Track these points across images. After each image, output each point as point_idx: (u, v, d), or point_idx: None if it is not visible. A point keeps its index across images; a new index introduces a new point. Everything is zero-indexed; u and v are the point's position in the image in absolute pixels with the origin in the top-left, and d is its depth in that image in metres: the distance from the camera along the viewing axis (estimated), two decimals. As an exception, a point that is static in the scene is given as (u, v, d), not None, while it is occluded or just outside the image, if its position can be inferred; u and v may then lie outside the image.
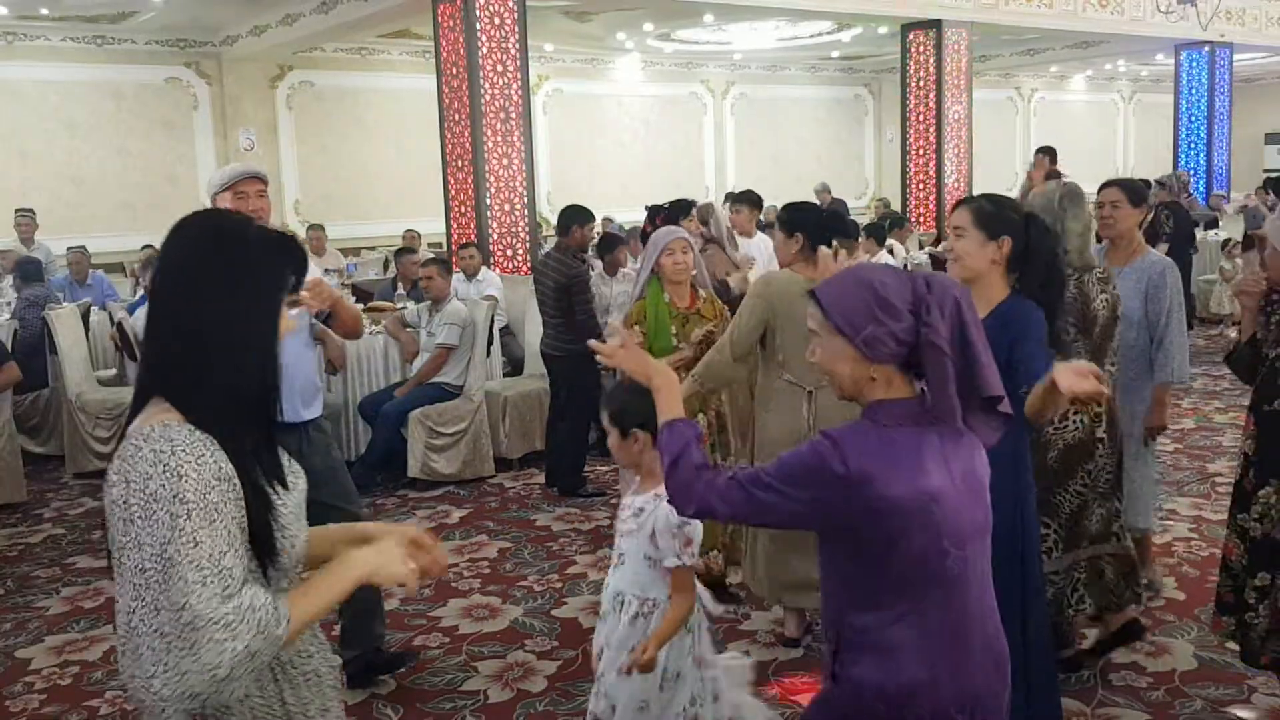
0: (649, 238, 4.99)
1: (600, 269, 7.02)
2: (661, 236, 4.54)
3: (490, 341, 6.79)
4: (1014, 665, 2.02)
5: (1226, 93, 16.22)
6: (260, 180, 3.44)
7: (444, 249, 10.43)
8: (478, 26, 9.01)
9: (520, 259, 9.31)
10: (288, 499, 1.68)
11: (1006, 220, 2.94)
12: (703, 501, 1.90)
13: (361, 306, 6.78)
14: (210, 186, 3.46)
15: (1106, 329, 3.59)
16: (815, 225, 4.01)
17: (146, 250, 9.57)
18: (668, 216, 5.85)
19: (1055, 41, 15.91)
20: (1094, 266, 3.67)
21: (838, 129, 19.49)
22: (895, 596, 1.85)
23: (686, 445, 1.95)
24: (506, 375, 7.33)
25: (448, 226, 9.58)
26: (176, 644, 1.48)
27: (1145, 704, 3.52)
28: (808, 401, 3.82)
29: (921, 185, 13.44)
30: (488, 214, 9.16)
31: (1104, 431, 3.56)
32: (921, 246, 11.50)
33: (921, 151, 13.35)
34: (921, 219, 13.31)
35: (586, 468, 6.29)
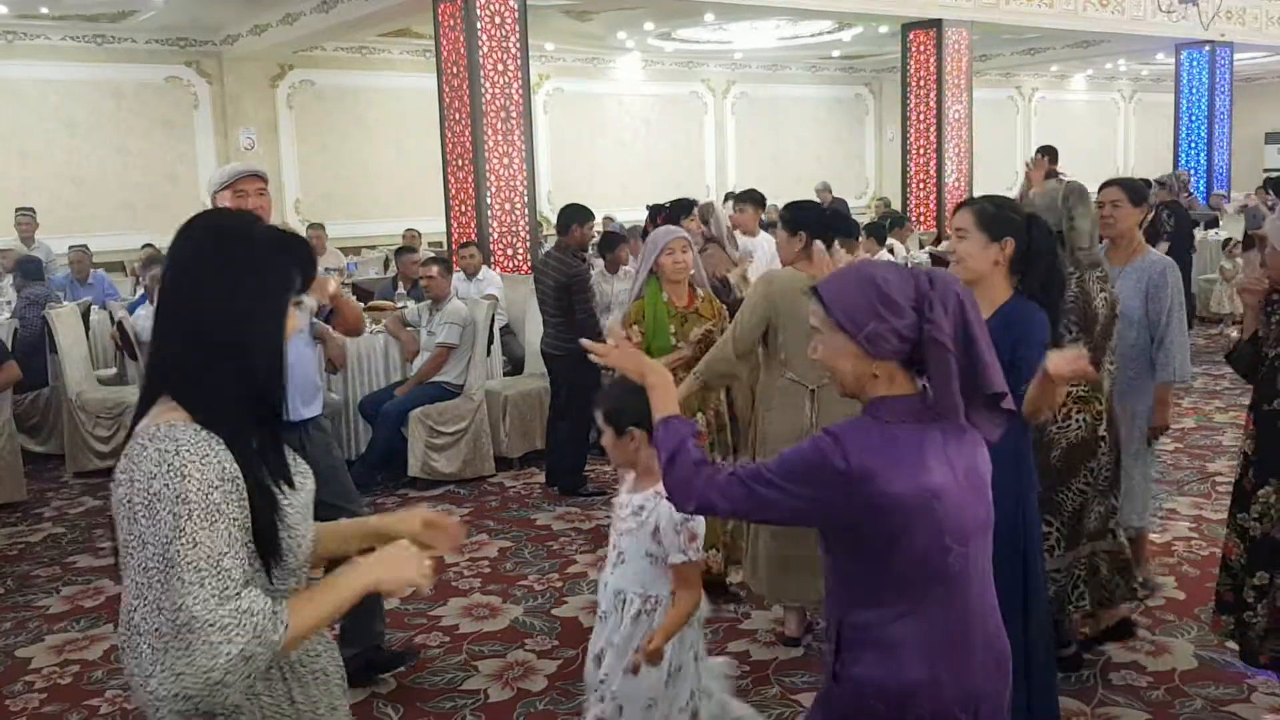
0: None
1: (602, 267, 7.02)
2: (660, 236, 4.53)
3: (491, 341, 6.79)
4: (1015, 664, 2.02)
5: (1227, 92, 16.22)
6: (260, 179, 3.44)
7: (444, 248, 10.43)
8: (478, 25, 9.01)
9: (521, 258, 9.31)
10: (295, 499, 1.68)
11: (1009, 221, 2.95)
12: (703, 498, 1.89)
13: (362, 306, 6.78)
14: (210, 185, 3.47)
15: (1106, 328, 3.60)
16: (818, 224, 4.01)
17: (147, 249, 9.56)
18: (669, 215, 5.84)
19: (1056, 41, 15.91)
20: (1099, 264, 3.69)
21: (838, 128, 19.48)
22: (897, 594, 1.84)
23: (683, 442, 1.94)
24: (507, 374, 7.33)
25: (448, 226, 9.58)
26: (172, 645, 1.48)
27: (1145, 703, 3.52)
28: (810, 400, 3.82)
29: (922, 185, 13.45)
30: (488, 213, 9.17)
31: (1105, 430, 3.57)
32: (922, 246, 11.50)
33: (922, 151, 13.36)
34: (922, 218, 13.32)
35: (587, 467, 6.29)
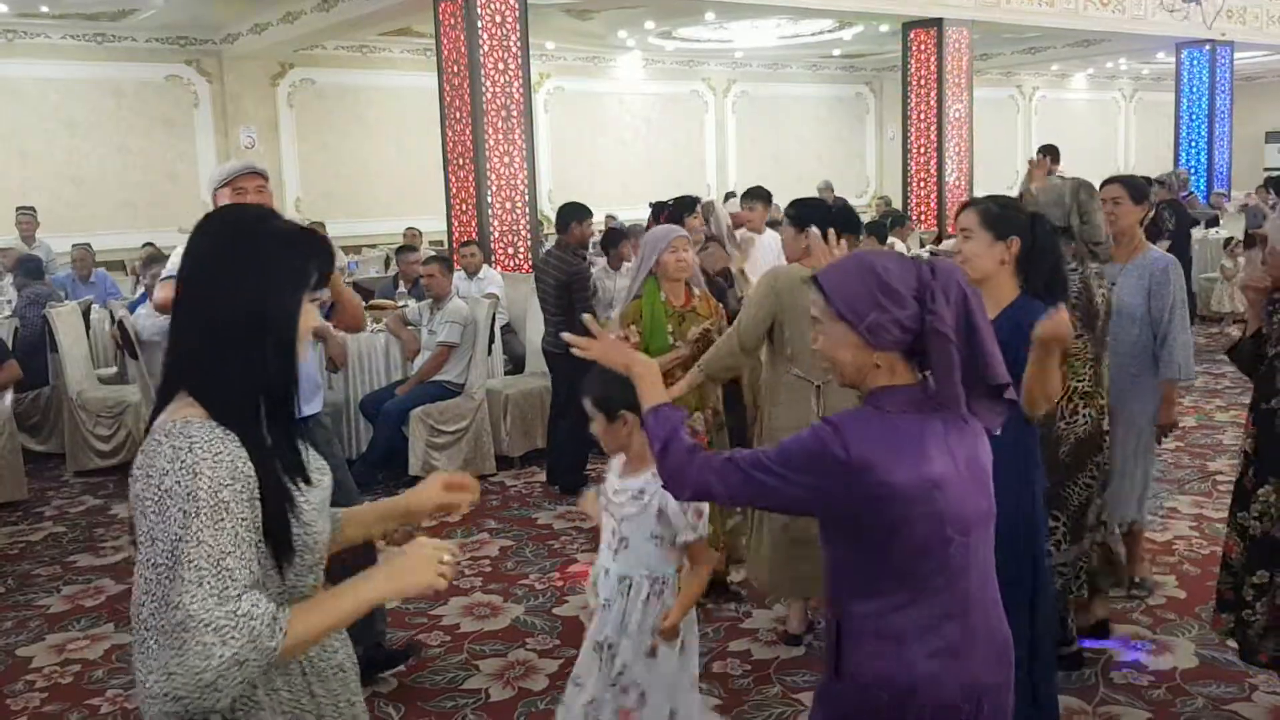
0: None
1: (604, 264, 7.02)
2: (661, 234, 4.50)
3: (491, 339, 6.79)
4: (1019, 658, 2.01)
5: (1227, 91, 16.21)
6: (259, 176, 3.44)
7: (445, 247, 10.44)
8: (479, 24, 9.01)
9: (521, 257, 9.31)
10: (311, 495, 1.66)
11: (1013, 221, 2.95)
12: (699, 483, 1.88)
13: (364, 304, 6.78)
14: (210, 183, 3.47)
15: (1105, 325, 3.63)
16: (823, 221, 4.01)
17: (147, 248, 9.56)
18: (672, 213, 5.83)
19: (1056, 40, 15.90)
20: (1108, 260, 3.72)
21: (839, 127, 19.48)
22: (897, 583, 1.82)
23: (674, 429, 1.93)
24: (508, 373, 7.33)
25: (449, 224, 9.58)
26: (168, 643, 1.46)
27: (1146, 702, 3.52)
28: (816, 396, 3.82)
29: (922, 183, 13.45)
30: (489, 212, 9.16)
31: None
32: (923, 244, 11.51)
33: (922, 150, 13.35)
34: (922, 217, 13.32)
35: (588, 466, 6.28)
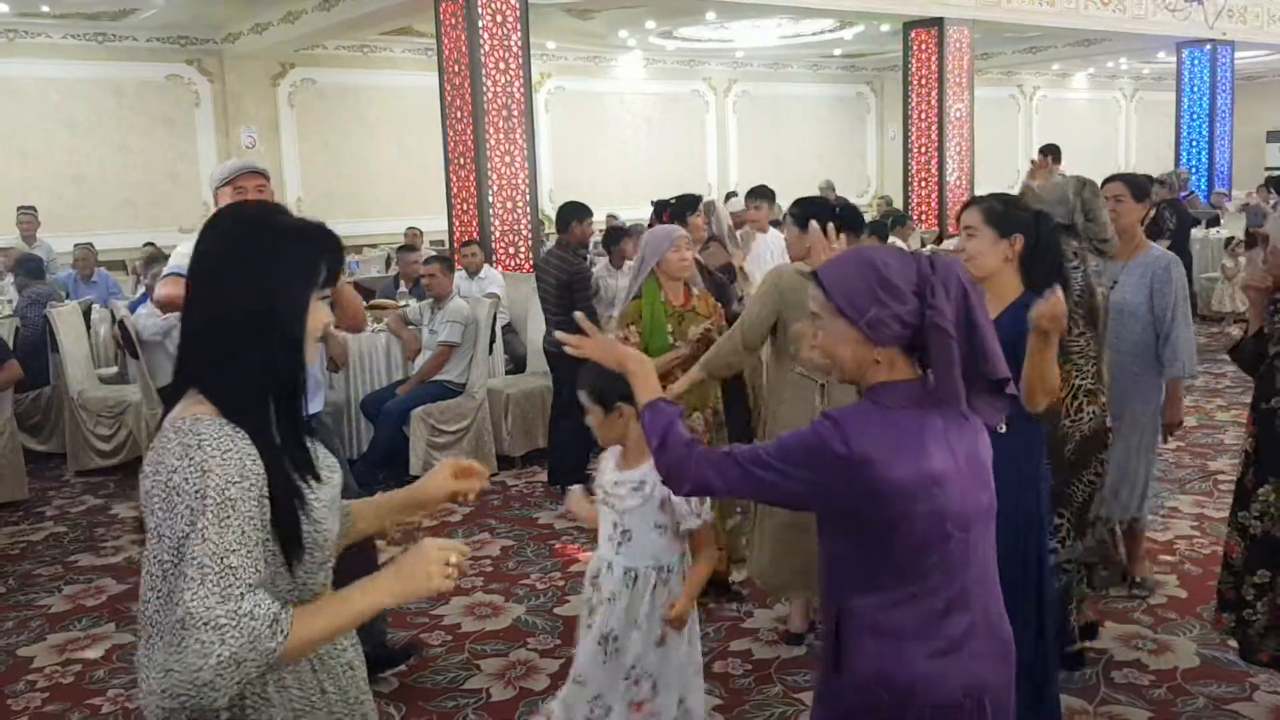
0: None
1: (605, 262, 7.02)
2: (664, 234, 4.49)
3: (492, 339, 6.79)
4: (1023, 657, 2.00)
5: (1228, 90, 16.21)
6: (259, 175, 3.44)
7: (446, 246, 10.44)
8: (480, 24, 9.01)
9: (522, 256, 9.31)
10: (321, 492, 1.66)
11: (1017, 218, 2.95)
12: (698, 477, 1.88)
13: (364, 304, 6.78)
14: (212, 182, 3.49)
15: (1104, 322, 3.63)
16: (828, 219, 3.99)
17: (148, 248, 9.57)
18: (674, 211, 5.82)
19: (1057, 39, 15.90)
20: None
21: (840, 127, 19.47)
22: (896, 578, 1.81)
23: (671, 423, 1.93)
24: (509, 373, 7.33)
25: (450, 224, 9.58)
26: (169, 640, 1.46)
27: (1148, 701, 3.52)
28: (820, 394, 3.81)
29: (923, 183, 13.45)
30: (490, 211, 9.17)
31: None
32: (924, 244, 11.51)
33: (923, 149, 13.35)
34: (923, 217, 13.32)
35: (589, 465, 6.28)
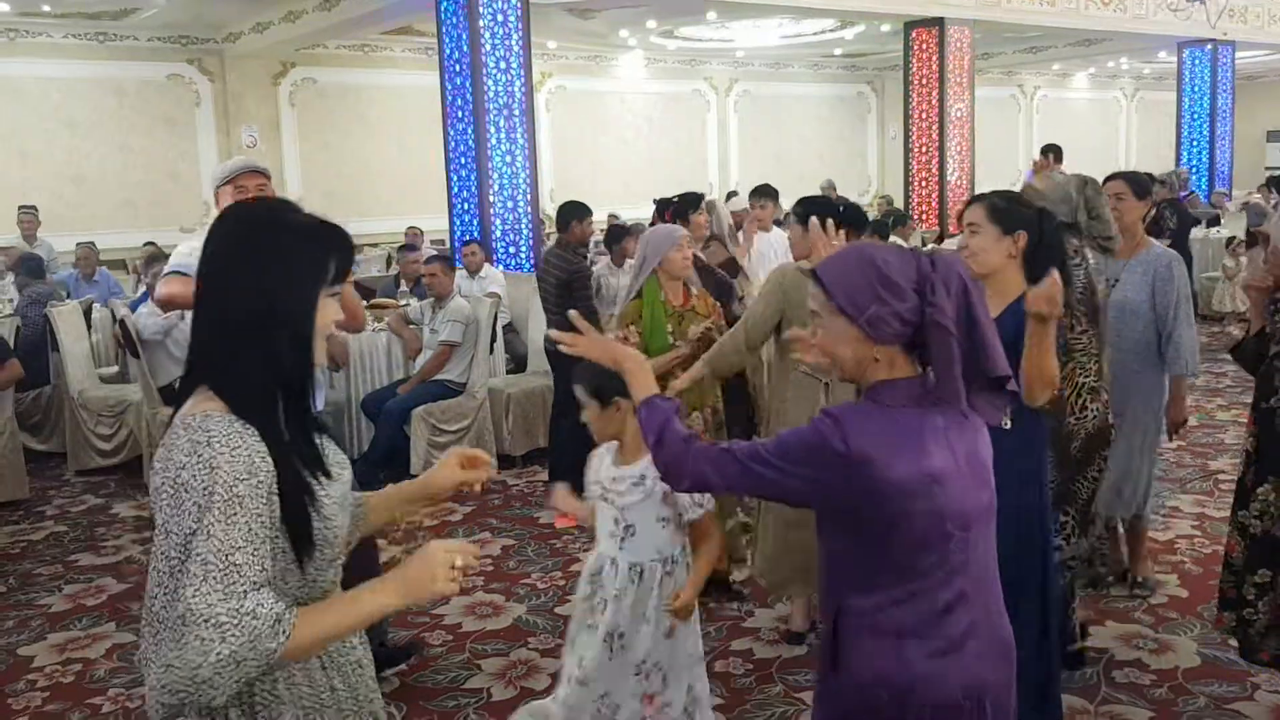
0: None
1: (607, 261, 7.02)
2: (666, 234, 4.47)
3: (493, 339, 6.79)
4: (1027, 656, 2.00)
5: (1229, 90, 16.21)
6: (260, 174, 3.46)
7: (447, 246, 10.43)
8: (481, 23, 9.01)
9: (523, 256, 9.32)
10: (331, 489, 1.66)
11: (1021, 215, 2.95)
12: (696, 474, 1.88)
13: (364, 304, 6.79)
14: (213, 181, 3.50)
15: (1104, 319, 3.63)
16: (831, 218, 3.99)
17: (148, 247, 9.57)
18: (676, 210, 5.81)
19: (1058, 39, 15.90)
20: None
21: (840, 126, 19.48)
22: (895, 577, 1.80)
23: (668, 419, 1.93)
24: (509, 372, 7.33)
25: (451, 223, 9.58)
26: (171, 636, 1.46)
27: (1149, 701, 3.51)
28: (824, 393, 3.81)
29: (924, 183, 13.45)
30: (491, 211, 9.17)
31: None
32: (924, 244, 11.50)
33: (924, 149, 13.35)
34: (924, 216, 13.32)
35: (589, 465, 6.28)
